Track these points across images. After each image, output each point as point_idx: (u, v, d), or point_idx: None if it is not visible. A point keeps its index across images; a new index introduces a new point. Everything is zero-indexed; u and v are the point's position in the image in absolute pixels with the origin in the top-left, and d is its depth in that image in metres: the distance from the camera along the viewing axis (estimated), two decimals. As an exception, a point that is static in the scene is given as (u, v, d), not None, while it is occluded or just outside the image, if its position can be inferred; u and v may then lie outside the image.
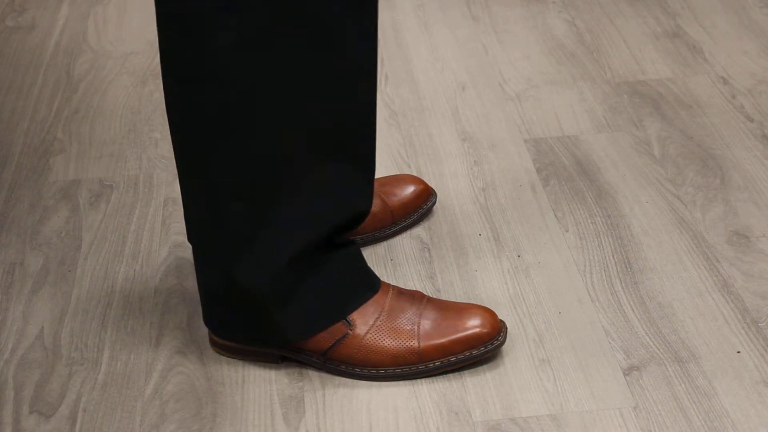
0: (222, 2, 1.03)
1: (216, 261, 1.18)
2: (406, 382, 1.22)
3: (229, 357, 1.25)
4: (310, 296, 1.19)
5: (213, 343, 1.26)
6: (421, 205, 1.45)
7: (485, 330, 1.21)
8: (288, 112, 1.09)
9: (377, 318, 1.21)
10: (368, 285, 1.23)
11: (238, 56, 1.05)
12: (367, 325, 1.21)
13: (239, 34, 1.04)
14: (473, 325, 1.21)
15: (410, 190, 1.44)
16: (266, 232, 1.14)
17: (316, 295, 1.19)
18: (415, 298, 1.24)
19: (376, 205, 1.40)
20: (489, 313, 1.22)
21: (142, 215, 1.51)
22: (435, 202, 1.48)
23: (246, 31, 1.04)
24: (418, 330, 1.21)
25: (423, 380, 1.22)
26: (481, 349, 1.21)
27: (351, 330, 1.20)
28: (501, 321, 1.24)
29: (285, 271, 1.16)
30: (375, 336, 1.20)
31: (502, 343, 1.23)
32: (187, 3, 1.04)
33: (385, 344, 1.20)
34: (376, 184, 1.43)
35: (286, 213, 1.14)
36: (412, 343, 1.20)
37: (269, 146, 1.10)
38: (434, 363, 1.21)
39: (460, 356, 1.21)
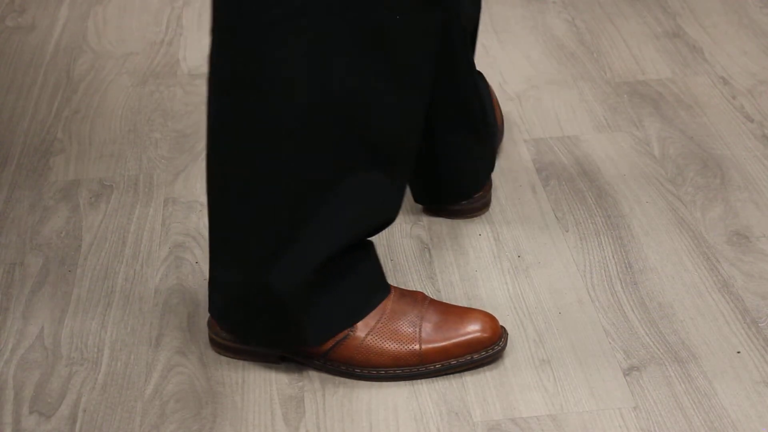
0: (292, 9, 1.03)
1: (247, 267, 1.17)
2: (406, 382, 1.22)
3: (229, 357, 1.25)
4: (332, 301, 1.19)
5: (213, 343, 1.26)
6: None
7: (486, 335, 1.21)
8: (339, 120, 1.09)
9: (378, 320, 1.21)
10: (381, 288, 1.23)
11: (302, 64, 1.05)
12: (368, 327, 1.21)
13: (308, 43, 1.04)
14: (474, 329, 1.21)
15: None
16: (302, 238, 1.14)
17: (338, 299, 1.19)
18: (416, 300, 1.24)
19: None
20: (490, 318, 1.22)
21: (142, 215, 1.51)
22: None
23: (312, 40, 1.04)
24: (419, 333, 1.21)
25: (423, 380, 1.22)
26: (482, 354, 1.22)
27: (352, 332, 1.20)
28: (502, 327, 1.24)
29: (314, 277, 1.16)
30: (375, 338, 1.20)
31: (503, 348, 1.23)
32: (255, 12, 1.03)
33: (386, 346, 1.20)
34: None
35: (321, 219, 1.14)
36: (413, 346, 1.20)
37: (315, 153, 1.10)
38: (435, 365, 1.21)
39: (461, 360, 1.21)
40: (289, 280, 1.15)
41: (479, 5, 1.43)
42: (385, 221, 1.21)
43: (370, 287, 1.22)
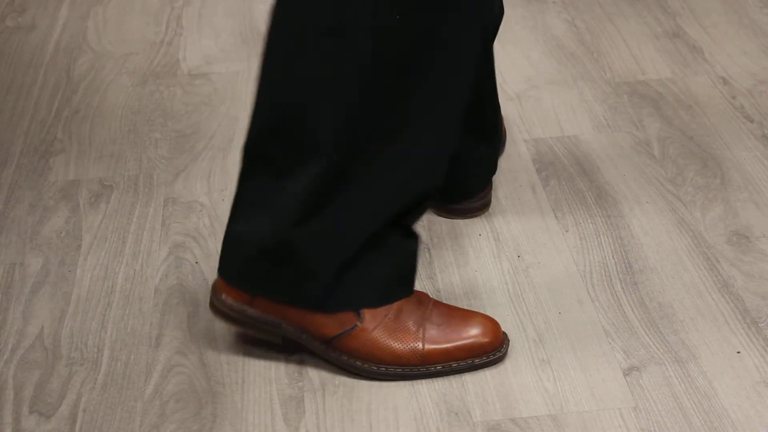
0: None
1: (285, 217, 1.15)
2: (406, 382, 1.22)
3: (228, 323, 1.22)
4: (361, 275, 1.19)
5: (214, 309, 1.23)
6: None
7: (487, 339, 1.21)
8: (405, 64, 1.09)
9: (386, 316, 1.21)
10: (408, 287, 1.23)
11: (392, 16, 1.05)
12: (375, 321, 1.21)
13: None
14: (476, 333, 1.21)
15: None
16: (345, 196, 1.13)
17: (366, 276, 1.19)
18: (421, 300, 1.24)
19: None
20: (492, 323, 1.23)
21: (142, 215, 1.51)
22: None
23: None
24: (423, 333, 1.21)
25: (423, 380, 1.22)
26: (483, 359, 1.22)
27: (360, 323, 1.20)
28: (504, 332, 1.24)
29: (351, 241, 1.16)
30: (381, 333, 1.20)
31: (504, 354, 1.23)
32: None
33: (390, 343, 1.20)
34: None
35: (367, 175, 1.13)
36: (416, 345, 1.21)
37: (374, 107, 1.09)
38: (436, 367, 1.21)
39: (462, 363, 1.21)
40: (325, 240, 1.15)
41: (502, 7, 1.41)
42: (429, 188, 1.19)
43: (399, 281, 1.22)
